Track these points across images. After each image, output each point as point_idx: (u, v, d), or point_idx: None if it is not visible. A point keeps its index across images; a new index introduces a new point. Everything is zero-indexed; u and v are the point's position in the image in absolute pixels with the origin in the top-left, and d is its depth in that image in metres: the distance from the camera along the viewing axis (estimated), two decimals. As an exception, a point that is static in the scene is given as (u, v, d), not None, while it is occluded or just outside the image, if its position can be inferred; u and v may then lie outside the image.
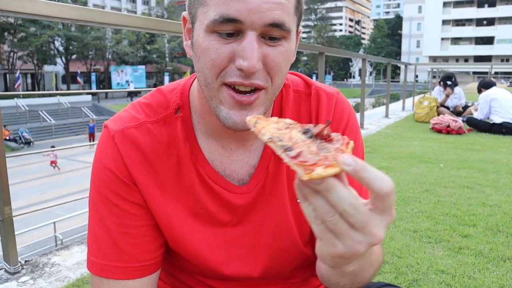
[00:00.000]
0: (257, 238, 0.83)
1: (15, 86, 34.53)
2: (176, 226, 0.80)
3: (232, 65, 0.66)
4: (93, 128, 23.93)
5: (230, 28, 0.65)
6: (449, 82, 7.94)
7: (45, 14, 1.73)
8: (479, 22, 66.07)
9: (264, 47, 0.66)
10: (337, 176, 0.51)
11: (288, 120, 0.59)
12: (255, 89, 0.68)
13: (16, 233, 1.94)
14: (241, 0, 0.63)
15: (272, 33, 0.66)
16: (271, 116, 0.83)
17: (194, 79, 0.84)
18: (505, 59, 62.16)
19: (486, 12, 64.72)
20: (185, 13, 0.76)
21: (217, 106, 0.70)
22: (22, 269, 1.95)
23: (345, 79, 77.45)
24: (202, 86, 0.72)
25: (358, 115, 6.92)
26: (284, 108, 0.84)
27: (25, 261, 2.02)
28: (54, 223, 8.77)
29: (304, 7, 0.74)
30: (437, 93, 8.27)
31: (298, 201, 0.54)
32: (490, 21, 64.96)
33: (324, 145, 0.54)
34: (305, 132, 0.56)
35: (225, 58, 0.66)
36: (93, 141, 20.51)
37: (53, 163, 17.45)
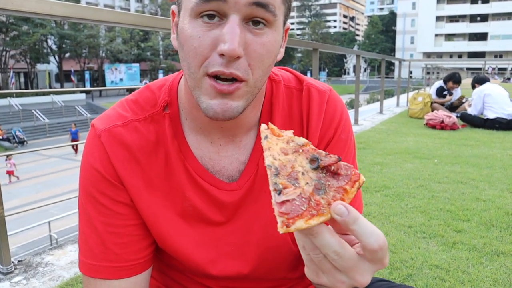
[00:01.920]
0: (246, 236, 0.82)
1: (11, 85, 34.45)
2: (164, 225, 0.79)
3: (214, 54, 0.65)
4: (75, 133, 20.75)
5: (213, 7, 0.63)
6: (445, 93, 7.98)
7: (35, 12, 1.71)
8: (473, 18, 66.33)
9: (247, 34, 0.65)
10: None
11: (301, 141, 0.57)
12: (236, 80, 0.67)
13: (10, 233, 1.93)
14: None
15: (256, 13, 0.64)
16: (261, 112, 0.83)
17: (182, 75, 0.82)
18: (498, 55, 62.49)
19: (480, 8, 64.97)
20: (173, 7, 0.75)
21: (199, 97, 0.69)
22: (15, 269, 1.93)
23: (339, 76, 77.56)
24: (186, 76, 0.71)
25: (352, 111, 6.94)
26: (274, 105, 0.83)
27: (18, 261, 2.00)
28: (49, 222, 8.73)
29: (298, 3, 0.72)
30: (434, 89, 8.26)
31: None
32: (484, 17, 65.24)
33: (327, 180, 0.54)
34: (313, 160, 0.55)
35: (208, 46, 0.65)
36: (77, 148, 19.04)
37: (10, 173, 15.17)
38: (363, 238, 0.51)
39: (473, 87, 7.22)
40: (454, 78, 7.96)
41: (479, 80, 7.17)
